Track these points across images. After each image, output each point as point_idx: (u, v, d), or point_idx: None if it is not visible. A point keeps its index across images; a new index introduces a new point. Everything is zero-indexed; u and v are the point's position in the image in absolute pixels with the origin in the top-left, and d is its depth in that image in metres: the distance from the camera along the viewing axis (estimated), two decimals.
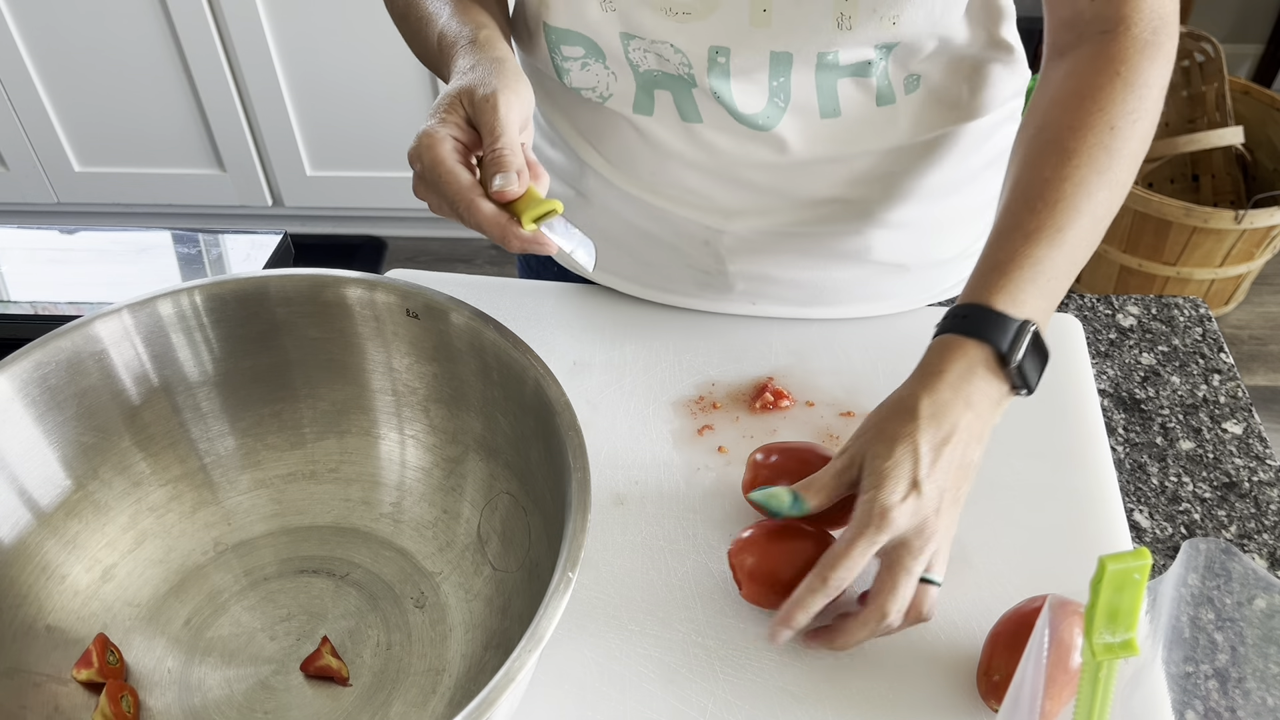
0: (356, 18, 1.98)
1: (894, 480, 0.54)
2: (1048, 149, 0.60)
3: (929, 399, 0.56)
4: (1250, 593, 0.51)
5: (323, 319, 0.64)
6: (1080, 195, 0.59)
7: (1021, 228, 0.59)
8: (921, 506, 0.54)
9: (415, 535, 0.65)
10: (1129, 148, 0.60)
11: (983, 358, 0.57)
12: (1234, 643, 0.54)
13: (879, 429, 0.57)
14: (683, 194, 0.74)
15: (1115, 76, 0.60)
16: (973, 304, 0.58)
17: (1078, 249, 0.59)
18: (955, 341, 0.57)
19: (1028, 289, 0.58)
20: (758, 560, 0.58)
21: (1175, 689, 0.54)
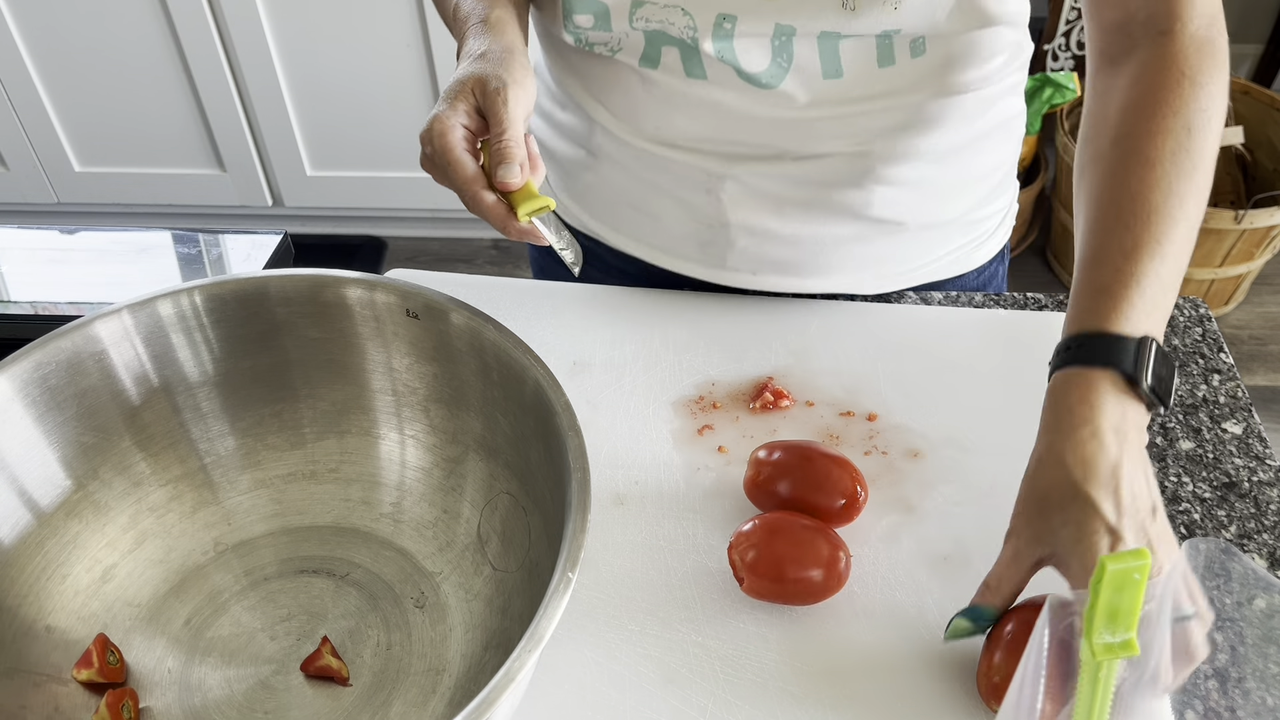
0: (356, 18, 1.98)
1: (1094, 537, 0.51)
2: (1129, 159, 0.59)
3: (1074, 450, 0.53)
4: (1250, 593, 0.51)
5: (323, 319, 0.64)
6: (1172, 203, 0.58)
7: (1120, 245, 0.57)
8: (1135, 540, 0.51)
9: (415, 535, 0.65)
10: (1207, 148, 0.59)
11: (1111, 384, 0.54)
12: (1234, 643, 0.54)
13: (1042, 507, 0.54)
14: (686, 142, 0.75)
15: (1182, 77, 0.59)
16: (1086, 332, 0.56)
17: (1179, 258, 0.58)
18: (1079, 375, 0.55)
19: (1139, 307, 0.56)
20: (759, 554, 0.58)
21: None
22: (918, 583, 0.61)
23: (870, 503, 0.66)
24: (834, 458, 0.64)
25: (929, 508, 0.66)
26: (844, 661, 0.58)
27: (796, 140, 0.72)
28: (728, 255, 0.80)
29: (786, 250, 0.79)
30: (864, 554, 0.63)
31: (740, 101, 0.71)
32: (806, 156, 0.73)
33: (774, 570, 0.58)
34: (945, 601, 0.60)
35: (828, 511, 0.62)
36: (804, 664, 0.58)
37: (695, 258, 0.81)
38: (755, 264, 0.80)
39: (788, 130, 0.72)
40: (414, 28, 1.99)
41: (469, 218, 2.36)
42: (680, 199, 0.78)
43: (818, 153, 0.73)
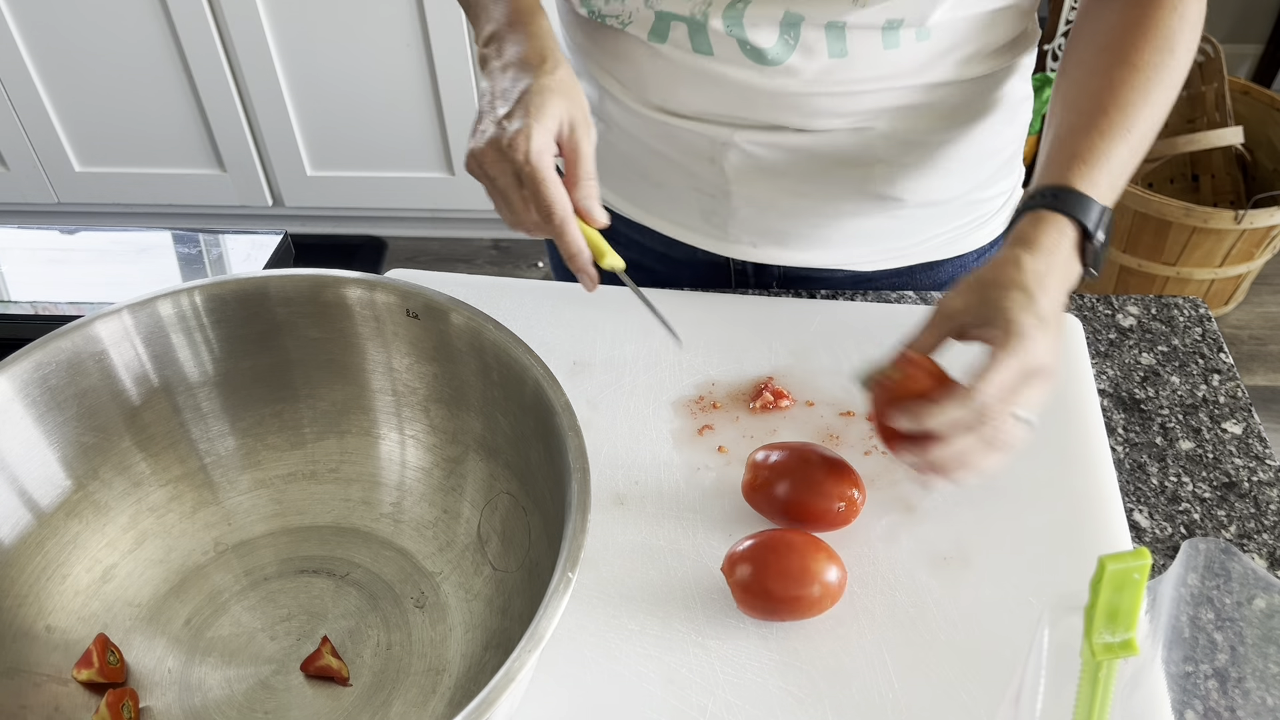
0: (356, 18, 1.98)
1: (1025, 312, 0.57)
2: (1114, 61, 0.66)
3: (1031, 258, 0.60)
4: (1250, 593, 0.51)
5: (323, 319, 0.64)
6: (1144, 103, 0.65)
7: (1096, 126, 0.64)
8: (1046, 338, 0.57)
9: (415, 535, 0.65)
10: (1180, 70, 0.67)
11: (1071, 234, 0.61)
12: (1234, 643, 0.54)
13: (984, 283, 0.59)
14: (692, 113, 0.76)
15: (1172, 11, 0.66)
16: (1060, 185, 0.62)
17: (1138, 150, 0.65)
18: (1047, 216, 0.61)
19: (1103, 180, 0.63)
20: (752, 572, 0.58)
21: (1175, 689, 0.54)
22: (918, 583, 0.61)
23: (870, 503, 0.66)
24: (832, 460, 0.63)
25: (929, 508, 0.66)
26: (844, 661, 0.58)
27: (799, 114, 0.74)
28: (729, 225, 0.82)
29: (786, 222, 0.80)
30: (864, 554, 0.63)
31: (745, 76, 0.72)
32: (809, 130, 0.75)
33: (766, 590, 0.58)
34: (945, 601, 0.60)
35: (825, 514, 0.62)
36: (804, 664, 0.58)
37: (699, 228, 0.84)
38: (756, 235, 0.82)
39: (791, 104, 0.73)
40: (414, 28, 1.99)
41: (469, 218, 2.36)
42: (685, 168, 0.80)
43: (820, 125, 0.74)
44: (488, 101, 0.65)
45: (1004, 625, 0.59)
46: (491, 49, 0.67)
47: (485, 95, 0.66)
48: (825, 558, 0.59)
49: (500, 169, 0.63)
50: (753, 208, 0.80)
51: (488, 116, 0.64)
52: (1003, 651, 0.58)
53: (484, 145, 0.63)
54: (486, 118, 0.64)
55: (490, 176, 0.63)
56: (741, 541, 0.60)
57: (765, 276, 0.88)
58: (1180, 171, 2.15)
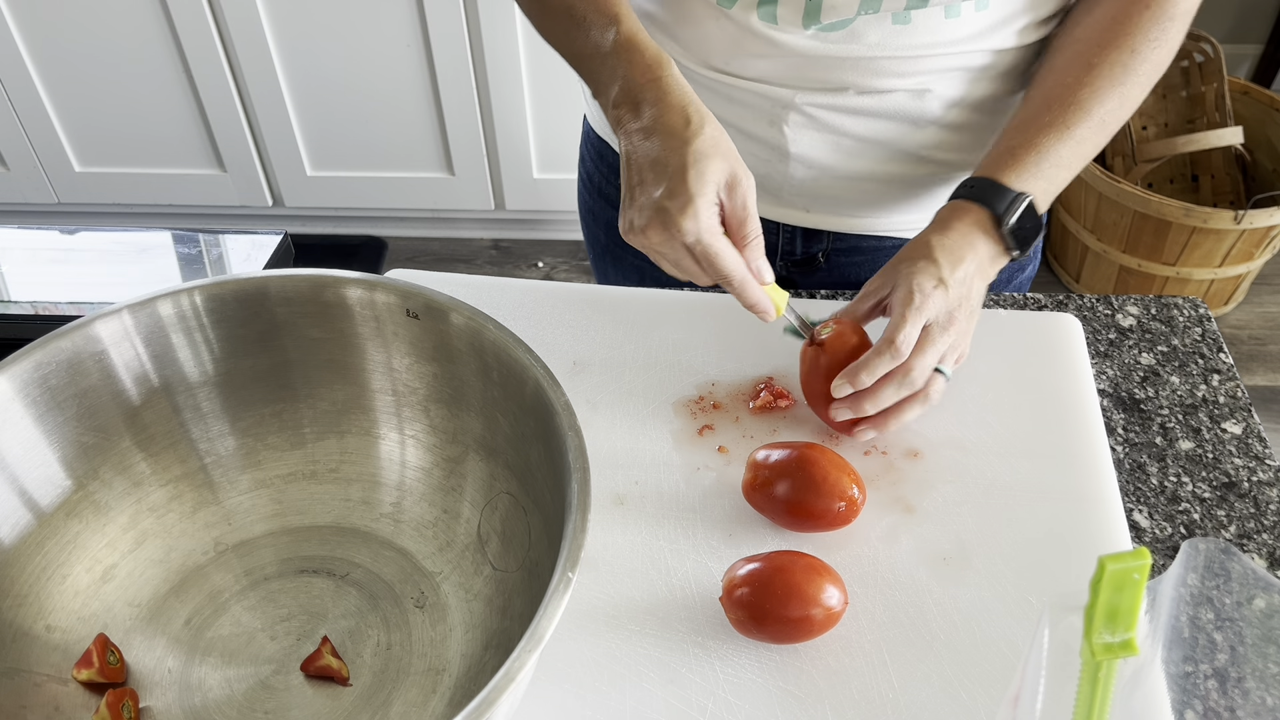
0: (356, 18, 1.98)
1: (923, 274, 0.66)
2: (1073, 61, 0.71)
3: (940, 238, 0.68)
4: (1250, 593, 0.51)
5: (323, 319, 0.64)
6: (1093, 101, 0.69)
7: (1037, 120, 0.70)
8: (950, 298, 0.66)
9: (415, 535, 0.65)
10: (1145, 69, 0.70)
11: (982, 219, 0.68)
12: (1233, 643, 0.54)
13: (897, 261, 0.68)
14: (755, 74, 0.78)
15: (1145, 9, 0.69)
16: (981, 178, 0.69)
17: (1083, 144, 0.70)
18: (961, 205, 0.69)
19: (1030, 170, 0.69)
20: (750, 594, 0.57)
21: (1175, 689, 0.54)
22: (918, 583, 0.61)
23: (870, 503, 0.66)
24: (832, 460, 0.63)
25: (929, 508, 0.66)
26: (844, 661, 0.58)
27: (861, 76, 0.75)
28: (784, 189, 0.84)
29: (842, 186, 0.82)
30: (864, 554, 0.63)
31: (809, 42, 0.74)
32: (869, 89, 0.76)
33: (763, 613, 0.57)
34: (945, 601, 0.60)
35: (825, 514, 0.62)
36: (804, 663, 0.58)
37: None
38: (810, 200, 0.84)
39: (852, 66, 0.75)
40: (414, 27, 1.99)
41: (469, 218, 2.36)
42: (744, 130, 0.81)
43: (880, 86, 0.76)
44: (638, 173, 0.64)
45: (1004, 625, 0.59)
46: (625, 110, 0.66)
47: (634, 165, 0.65)
48: (826, 582, 0.58)
49: (670, 245, 0.63)
50: (810, 171, 0.82)
51: (641, 191, 0.64)
52: (1003, 651, 0.58)
53: (647, 224, 0.63)
54: (640, 192, 0.64)
55: (659, 251, 0.65)
56: (741, 565, 0.59)
57: (812, 245, 0.89)
58: (1180, 171, 2.16)
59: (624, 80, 0.66)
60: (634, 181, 0.65)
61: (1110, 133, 0.71)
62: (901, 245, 0.87)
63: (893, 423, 0.67)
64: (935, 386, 0.67)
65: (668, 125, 0.63)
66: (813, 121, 0.79)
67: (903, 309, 0.65)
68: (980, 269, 0.68)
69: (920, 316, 0.65)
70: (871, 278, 0.70)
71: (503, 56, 1.99)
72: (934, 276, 0.66)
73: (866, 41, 0.73)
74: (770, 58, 0.76)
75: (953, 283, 0.66)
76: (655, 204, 0.62)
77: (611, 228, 0.97)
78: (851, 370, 0.66)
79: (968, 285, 0.67)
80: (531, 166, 2.18)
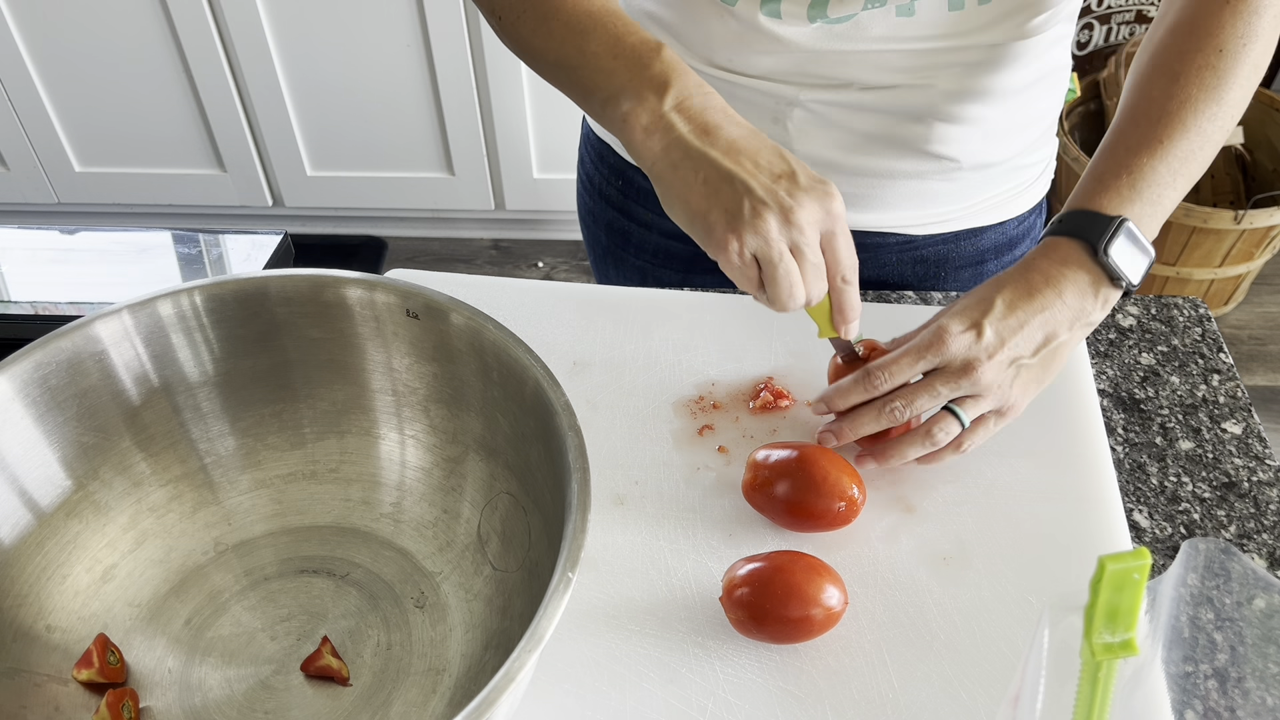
0: (356, 18, 1.99)
1: (961, 317, 0.62)
2: (1157, 73, 0.66)
3: (1019, 276, 0.63)
4: (1250, 593, 0.51)
5: (323, 319, 0.64)
6: (1185, 111, 0.64)
7: (1125, 142, 0.65)
8: (975, 347, 0.61)
9: (415, 535, 0.65)
10: (1238, 70, 0.64)
11: (1075, 253, 0.63)
12: (1233, 643, 0.54)
13: (966, 295, 0.65)
14: (759, 71, 0.77)
15: (1225, 4, 0.64)
16: (1072, 209, 0.65)
17: (1181, 159, 0.64)
18: (1051, 241, 0.64)
19: (1124, 193, 0.63)
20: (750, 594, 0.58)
21: (1175, 689, 0.54)
22: (918, 583, 0.61)
23: (870, 503, 0.66)
24: (832, 460, 0.63)
25: (929, 508, 0.66)
26: (844, 661, 0.58)
27: (865, 70, 0.75)
28: None
29: (847, 183, 0.82)
30: (864, 554, 0.63)
31: (812, 36, 0.73)
32: (873, 85, 0.76)
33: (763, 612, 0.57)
34: (945, 601, 0.60)
35: (825, 514, 0.62)
36: (804, 663, 0.58)
37: None
38: None
39: (858, 61, 0.74)
40: (414, 28, 1.99)
41: (469, 218, 2.36)
42: None
43: (884, 82, 0.76)
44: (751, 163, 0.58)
45: (1004, 625, 0.59)
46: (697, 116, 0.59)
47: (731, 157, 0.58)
48: (826, 583, 0.58)
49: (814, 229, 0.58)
50: (815, 168, 0.81)
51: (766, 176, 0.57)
52: (1003, 651, 0.58)
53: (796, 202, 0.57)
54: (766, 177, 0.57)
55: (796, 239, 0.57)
56: (741, 565, 0.59)
57: None
58: None
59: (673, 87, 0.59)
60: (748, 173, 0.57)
61: (1216, 145, 0.65)
62: (906, 241, 0.87)
63: (893, 458, 0.65)
64: (939, 426, 0.63)
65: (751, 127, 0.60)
66: (817, 118, 0.79)
67: (912, 346, 0.63)
68: (1055, 320, 0.62)
69: (920, 359, 0.62)
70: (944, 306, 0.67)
71: (503, 56, 1.99)
72: (969, 320, 0.62)
73: (871, 35, 0.73)
74: (775, 54, 0.75)
75: (992, 330, 0.61)
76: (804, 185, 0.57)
77: (612, 228, 0.97)
78: (828, 391, 0.66)
79: (1017, 337, 0.62)
80: (531, 166, 2.18)
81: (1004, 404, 0.64)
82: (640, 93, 0.60)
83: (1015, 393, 0.64)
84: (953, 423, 0.63)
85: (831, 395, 0.66)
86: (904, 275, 0.89)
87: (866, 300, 0.83)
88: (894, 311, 0.80)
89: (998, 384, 0.62)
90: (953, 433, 0.63)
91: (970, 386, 0.62)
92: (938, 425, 0.63)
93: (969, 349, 0.61)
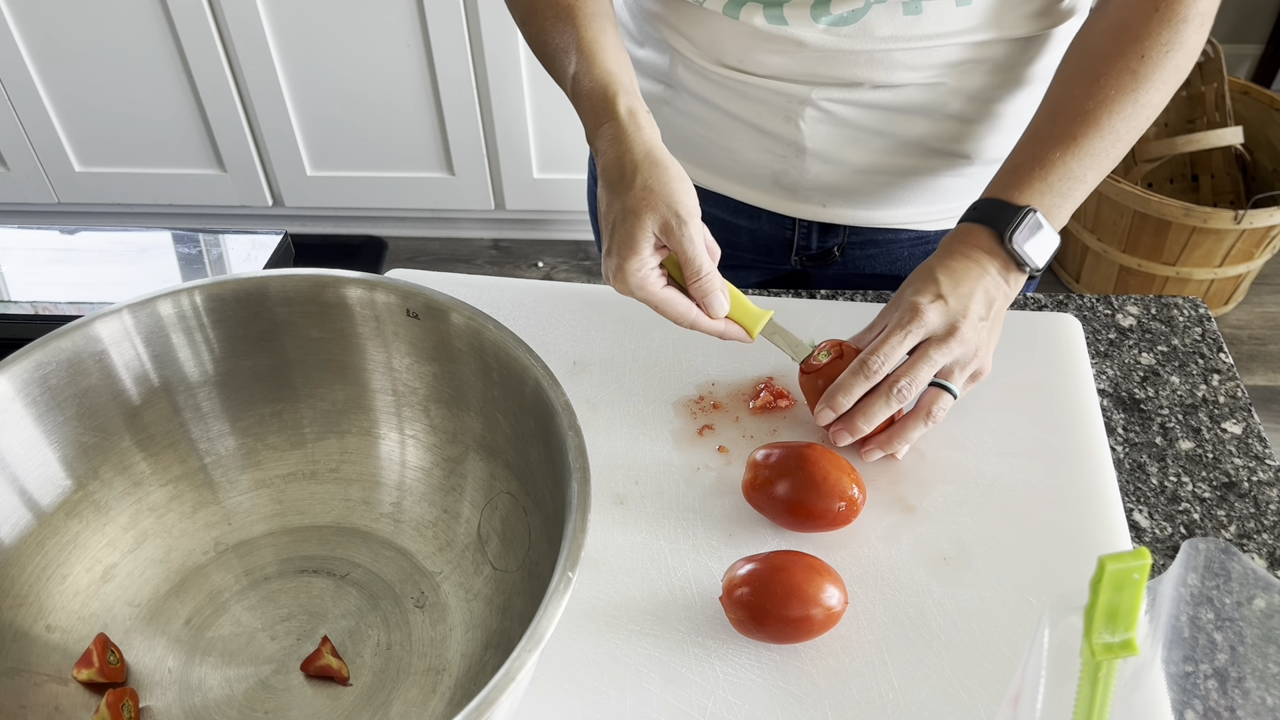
0: (356, 18, 1.98)
1: (921, 293, 0.66)
2: (1080, 74, 0.69)
3: (942, 262, 0.67)
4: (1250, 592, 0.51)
5: (323, 319, 0.64)
6: (1101, 112, 0.67)
7: (1040, 135, 0.68)
8: (949, 310, 0.65)
9: (415, 535, 0.65)
10: (1158, 75, 0.67)
11: (985, 239, 0.67)
12: (1233, 642, 0.54)
13: (902, 287, 0.68)
14: (769, 71, 0.78)
15: (1153, 12, 0.67)
16: (985, 198, 0.69)
17: (1095, 155, 0.67)
18: (964, 228, 0.69)
19: (1036, 185, 0.67)
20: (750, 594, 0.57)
21: (1175, 689, 0.54)
22: (918, 583, 0.61)
23: (870, 503, 0.66)
24: (832, 460, 0.63)
25: (929, 508, 0.66)
26: (844, 661, 0.58)
27: (875, 70, 0.75)
28: (800, 184, 0.84)
29: (858, 180, 0.83)
30: (864, 554, 0.63)
31: (821, 38, 0.74)
32: (883, 85, 0.76)
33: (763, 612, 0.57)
34: (945, 601, 0.60)
35: (825, 514, 0.62)
36: (804, 663, 0.58)
37: (768, 189, 0.86)
38: (826, 195, 0.84)
39: (866, 61, 0.75)
40: (414, 28, 1.99)
41: (469, 218, 2.36)
42: (759, 127, 0.81)
43: (894, 80, 0.76)
44: (604, 221, 0.66)
45: (1004, 625, 0.59)
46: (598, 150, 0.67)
47: (599, 216, 0.67)
48: (826, 582, 0.58)
49: (631, 295, 0.65)
50: (826, 166, 0.82)
51: (603, 245, 0.67)
52: (1003, 651, 0.58)
53: (609, 279, 0.66)
54: (603, 245, 0.67)
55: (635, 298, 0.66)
56: (741, 564, 0.59)
57: (828, 239, 0.89)
58: (1180, 171, 2.16)
59: (584, 127, 0.68)
60: (602, 230, 0.67)
61: (1128, 142, 0.69)
62: (918, 237, 0.87)
63: (898, 443, 0.67)
64: (937, 404, 0.66)
65: (609, 180, 0.65)
66: (828, 116, 0.79)
67: (893, 327, 0.65)
68: (989, 288, 0.67)
69: (906, 334, 0.65)
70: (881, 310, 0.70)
71: (503, 56, 1.99)
72: (931, 293, 0.65)
73: (879, 35, 0.73)
74: (784, 54, 0.76)
75: (953, 297, 0.65)
76: (608, 263, 0.65)
77: None
78: (829, 393, 0.66)
79: (973, 301, 0.66)
80: (531, 166, 2.18)
81: (981, 365, 0.67)
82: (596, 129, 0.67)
83: (985, 354, 0.67)
84: (946, 397, 0.66)
85: (834, 395, 0.66)
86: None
87: (867, 300, 0.83)
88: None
89: (976, 343, 0.66)
90: (946, 407, 0.66)
91: (959, 347, 0.65)
92: (934, 404, 0.66)
93: (944, 314, 0.65)
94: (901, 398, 0.65)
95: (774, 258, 0.92)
